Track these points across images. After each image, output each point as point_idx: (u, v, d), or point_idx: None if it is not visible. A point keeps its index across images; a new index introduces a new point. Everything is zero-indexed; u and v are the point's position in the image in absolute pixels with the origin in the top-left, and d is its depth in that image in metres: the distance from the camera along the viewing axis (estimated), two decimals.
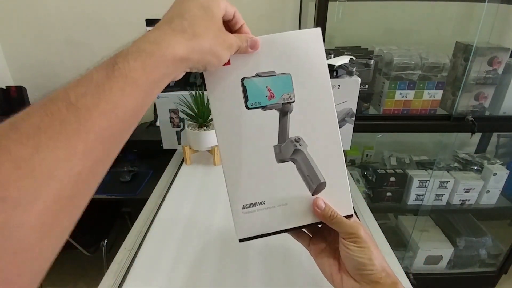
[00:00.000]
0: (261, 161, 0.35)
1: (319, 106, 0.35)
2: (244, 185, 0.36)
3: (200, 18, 0.26)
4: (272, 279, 0.47)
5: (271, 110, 0.35)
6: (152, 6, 1.32)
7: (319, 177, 0.36)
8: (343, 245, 0.34)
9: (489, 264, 1.42)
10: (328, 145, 0.35)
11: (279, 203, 0.36)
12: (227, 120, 0.34)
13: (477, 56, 1.03)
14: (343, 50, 1.16)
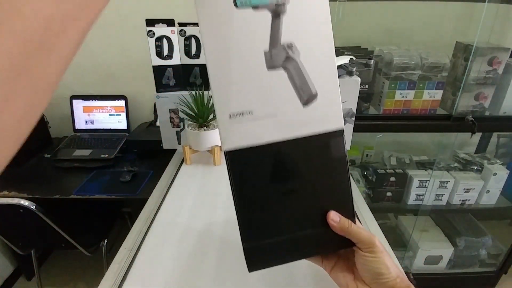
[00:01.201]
0: (250, 67, 0.32)
1: (315, 12, 0.32)
2: (231, 92, 0.33)
3: None
4: (272, 279, 0.47)
5: (263, 10, 0.31)
6: (152, 6, 1.32)
7: (311, 88, 0.33)
8: (360, 256, 0.35)
9: (489, 264, 1.42)
10: (321, 55, 0.33)
11: (268, 114, 0.33)
12: (213, 19, 0.31)
13: (477, 56, 1.03)
14: (343, 50, 1.16)
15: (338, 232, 0.35)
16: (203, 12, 0.31)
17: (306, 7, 0.32)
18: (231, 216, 0.61)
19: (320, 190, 0.35)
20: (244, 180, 0.35)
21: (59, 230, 1.08)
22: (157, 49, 0.86)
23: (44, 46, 0.19)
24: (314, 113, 0.34)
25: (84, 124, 1.47)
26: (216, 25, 0.31)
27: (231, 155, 0.33)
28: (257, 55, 0.32)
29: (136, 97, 1.49)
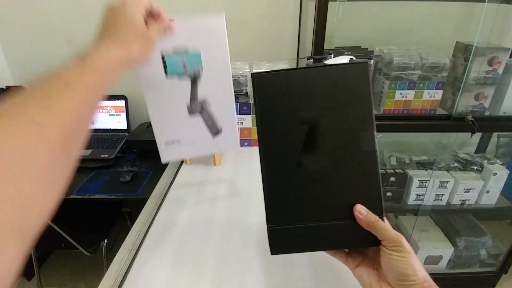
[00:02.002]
0: (178, 114, 0.50)
1: (220, 79, 0.50)
2: (166, 129, 0.52)
3: (127, 29, 0.36)
4: (272, 279, 0.47)
5: (185, 79, 0.49)
6: None
7: (217, 125, 0.53)
8: (385, 254, 0.33)
9: (489, 264, 1.42)
10: (225, 105, 0.52)
11: (189, 141, 0.53)
12: (151, 83, 0.48)
13: (477, 56, 1.03)
14: (343, 50, 1.16)
15: (364, 225, 0.34)
16: (144, 77, 0.48)
17: (214, 76, 0.50)
18: (231, 216, 0.61)
19: (349, 182, 0.35)
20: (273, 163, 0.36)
21: (59, 230, 1.08)
22: None
23: None
24: (220, 140, 0.54)
25: None
26: (153, 87, 0.48)
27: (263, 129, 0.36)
28: (182, 106, 0.50)
29: (136, 97, 1.49)
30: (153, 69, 0.46)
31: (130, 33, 0.36)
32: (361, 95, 0.34)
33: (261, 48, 1.40)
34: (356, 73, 0.34)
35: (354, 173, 0.35)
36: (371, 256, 0.37)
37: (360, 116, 0.34)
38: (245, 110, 0.89)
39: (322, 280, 0.47)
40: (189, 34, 0.46)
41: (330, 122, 0.34)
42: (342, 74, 0.34)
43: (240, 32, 1.37)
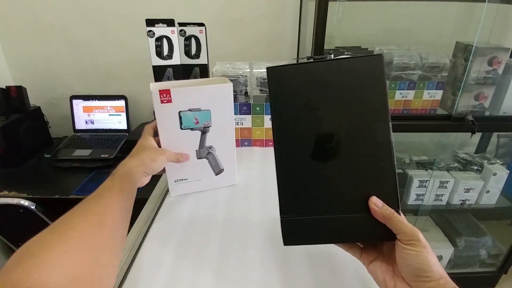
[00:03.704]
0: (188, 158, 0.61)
1: (225, 129, 0.61)
2: (176, 169, 0.62)
3: (139, 148, 0.53)
4: (272, 279, 0.47)
5: (196, 131, 0.59)
6: (152, 6, 1.32)
7: (220, 166, 0.65)
8: (400, 249, 0.32)
9: (489, 264, 1.42)
10: (227, 149, 0.64)
11: (196, 179, 0.65)
12: (168, 134, 0.57)
13: (477, 56, 1.03)
14: (343, 50, 1.16)
15: (379, 218, 0.34)
16: (163, 129, 0.57)
17: (220, 127, 0.60)
18: (231, 216, 0.61)
19: (364, 174, 0.35)
20: (287, 154, 0.36)
21: None
22: (157, 49, 0.86)
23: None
24: (221, 178, 0.66)
25: (84, 124, 1.47)
26: (169, 137, 0.58)
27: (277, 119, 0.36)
28: (192, 151, 0.61)
29: (136, 97, 1.49)
30: (170, 124, 0.57)
31: (141, 149, 0.51)
32: (376, 87, 0.34)
33: (261, 48, 1.40)
34: (371, 65, 0.34)
35: (369, 165, 0.35)
36: (386, 251, 0.36)
37: (375, 108, 0.34)
38: (245, 110, 0.89)
39: (322, 279, 0.47)
40: (203, 97, 0.57)
41: (345, 114, 0.34)
42: (357, 67, 0.34)
43: (240, 32, 1.37)
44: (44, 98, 1.51)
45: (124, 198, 0.39)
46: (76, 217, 0.32)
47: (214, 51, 0.91)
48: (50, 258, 0.26)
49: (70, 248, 0.28)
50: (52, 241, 0.28)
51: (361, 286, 0.45)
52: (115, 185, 0.41)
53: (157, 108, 0.55)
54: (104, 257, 0.31)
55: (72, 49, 1.42)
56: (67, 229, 0.30)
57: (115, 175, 0.43)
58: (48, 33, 1.39)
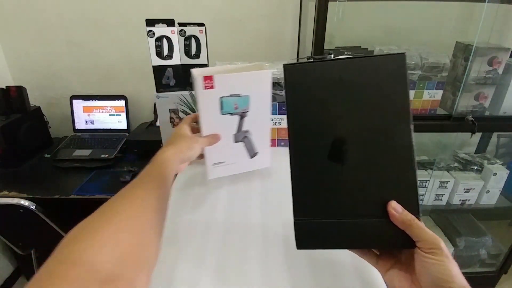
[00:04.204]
0: (226, 141, 0.62)
1: (262, 115, 0.63)
2: (214, 152, 0.62)
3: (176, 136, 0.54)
4: (273, 279, 0.47)
5: (235, 115, 0.61)
6: (152, 6, 1.32)
7: (255, 149, 0.67)
8: (420, 257, 0.31)
9: (489, 264, 1.42)
10: (262, 134, 0.66)
11: (232, 162, 0.66)
12: (210, 119, 0.59)
13: (477, 56, 1.03)
14: (343, 50, 1.16)
15: (398, 224, 0.32)
16: (204, 114, 0.58)
17: (257, 113, 0.62)
18: (231, 217, 0.61)
19: (383, 177, 0.33)
20: (302, 154, 0.34)
21: (59, 230, 1.08)
22: (157, 49, 0.86)
23: None
24: (255, 161, 0.68)
25: (84, 124, 1.47)
26: (210, 121, 0.59)
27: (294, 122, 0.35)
28: (230, 135, 0.62)
29: (136, 97, 1.49)
30: (212, 109, 0.58)
31: (177, 138, 0.53)
32: (398, 86, 0.32)
33: (261, 48, 1.40)
34: (393, 64, 0.32)
35: (388, 168, 0.33)
36: (404, 259, 0.34)
37: (396, 109, 0.33)
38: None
39: (322, 280, 0.47)
40: (244, 83, 0.58)
41: (364, 114, 0.33)
42: (378, 65, 0.33)
43: (240, 32, 1.37)
44: (44, 98, 1.51)
45: (162, 184, 0.41)
46: (121, 201, 0.35)
47: (214, 51, 0.91)
48: (99, 239, 0.28)
49: (118, 230, 0.30)
50: (101, 223, 0.30)
51: (361, 286, 0.45)
52: (154, 172, 0.43)
53: (199, 93, 0.56)
54: (148, 239, 0.33)
55: (72, 49, 1.42)
56: (114, 212, 0.32)
57: (154, 162, 0.45)
58: (48, 33, 1.39)
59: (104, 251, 0.28)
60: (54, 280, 0.24)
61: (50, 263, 0.26)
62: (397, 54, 0.32)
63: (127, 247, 0.30)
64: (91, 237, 0.28)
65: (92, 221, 0.31)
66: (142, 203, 0.35)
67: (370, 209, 0.34)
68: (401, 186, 0.33)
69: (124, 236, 0.30)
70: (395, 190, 0.33)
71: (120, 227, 0.31)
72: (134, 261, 0.30)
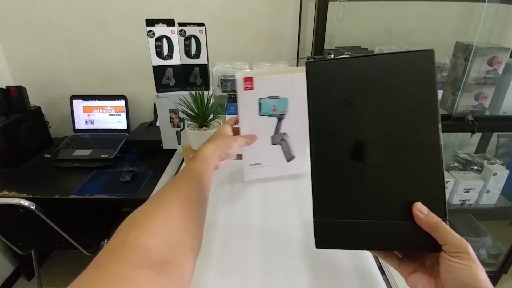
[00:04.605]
0: (263, 142, 0.62)
1: (301, 118, 0.62)
2: (251, 153, 0.64)
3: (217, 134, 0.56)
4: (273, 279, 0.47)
5: (273, 117, 0.61)
6: (152, 6, 1.32)
7: (292, 153, 0.66)
8: (446, 261, 0.30)
9: (489, 264, 1.42)
10: (300, 137, 0.64)
11: (269, 164, 0.67)
12: (248, 119, 0.60)
13: (477, 56, 1.03)
14: (343, 50, 1.16)
15: (423, 226, 0.31)
16: (243, 114, 0.60)
17: (296, 115, 0.61)
18: (231, 216, 0.61)
19: (408, 178, 0.32)
20: (324, 152, 0.34)
21: (59, 230, 1.08)
22: (157, 49, 0.86)
23: None
24: (292, 165, 0.68)
25: (84, 124, 1.47)
26: (248, 122, 0.60)
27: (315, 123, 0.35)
28: (267, 137, 0.63)
29: (136, 97, 1.49)
30: (250, 109, 0.60)
31: (218, 136, 0.55)
32: (425, 85, 0.31)
33: (261, 48, 1.40)
34: (422, 61, 0.31)
35: (414, 168, 0.32)
36: (429, 263, 0.33)
37: (423, 107, 0.31)
38: None
39: (322, 280, 0.47)
40: (283, 85, 0.59)
41: (389, 112, 0.32)
42: (405, 62, 0.32)
43: (240, 32, 1.37)
44: (44, 98, 1.51)
45: (202, 179, 0.43)
46: (171, 192, 0.38)
47: (214, 51, 0.91)
48: (152, 226, 0.31)
49: (168, 218, 0.33)
50: (154, 211, 0.33)
51: (361, 286, 0.45)
52: (195, 166, 0.46)
53: (240, 94, 0.57)
54: (193, 227, 0.35)
55: (72, 49, 1.42)
56: (165, 202, 0.35)
57: (195, 158, 0.48)
58: (48, 33, 1.39)
59: (157, 237, 0.30)
60: (111, 260, 0.26)
61: (109, 245, 0.28)
62: (426, 50, 0.31)
63: (176, 234, 0.32)
64: (145, 223, 0.31)
65: (146, 209, 0.34)
66: (187, 195, 0.38)
67: (394, 210, 0.32)
68: (428, 187, 0.32)
69: (174, 224, 0.33)
70: (420, 191, 0.32)
71: (170, 215, 0.33)
72: (182, 248, 0.32)
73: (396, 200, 0.32)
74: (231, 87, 0.91)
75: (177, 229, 0.33)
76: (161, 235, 0.30)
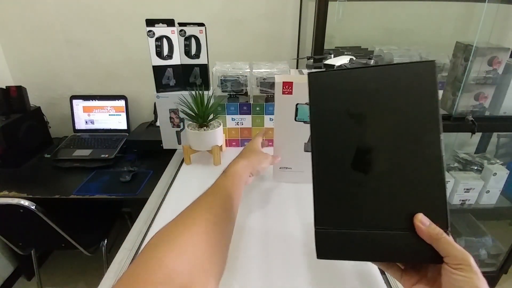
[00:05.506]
0: (295, 148, 0.65)
1: None
2: (283, 157, 0.66)
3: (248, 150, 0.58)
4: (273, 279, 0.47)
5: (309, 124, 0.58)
6: (152, 6, 1.32)
7: None
8: (448, 273, 0.30)
9: (489, 264, 1.42)
10: None
11: (299, 170, 0.69)
12: (283, 124, 0.62)
13: (477, 56, 1.03)
14: (343, 50, 1.16)
15: (425, 238, 0.31)
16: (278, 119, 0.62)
17: None
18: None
19: (410, 189, 0.32)
20: (325, 162, 0.34)
21: (59, 230, 1.08)
22: (157, 49, 0.86)
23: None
24: None
25: (84, 124, 1.47)
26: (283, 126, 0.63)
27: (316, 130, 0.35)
28: (300, 143, 0.65)
29: (136, 97, 1.49)
30: (286, 114, 0.60)
31: (249, 152, 0.57)
32: (427, 96, 0.31)
33: (261, 48, 1.40)
34: (423, 72, 0.31)
35: (416, 179, 0.32)
36: (431, 275, 0.33)
37: (425, 117, 0.31)
38: (245, 110, 0.89)
39: (322, 281, 0.47)
40: None
41: (390, 122, 0.32)
42: (406, 73, 0.32)
43: (240, 32, 1.37)
44: (44, 98, 1.51)
45: (232, 196, 0.43)
46: (198, 210, 0.38)
47: (214, 51, 0.91)
48: (179, 246, 0.31)
49: (194, 238, 0.33)
50: (180, 230, 0.34)
51: (361, 286, 0.45)
52: (227, 184, 0.46)
53: (277, 98, 0.58)
54: (219, 249, 0.35)
55: (72, 49, 1.42)
56: (192, 220, 0.35)
57: (226, 173, 0.48)
58: (48, 33, 1.39)
59: (183, 258, 0.30)
60: (137, 282, 0.27)
61: (135, 266, 0.29)
62: (427, 61, 0.31)
63: (202, 256, 0.32)
64: (172, 243, 0.31)
65: (172, 228, 0.34)
66: (216, 213, 0.38)
67: (395, 221, 0.32)
68: (429, 198, 0.32)
69: (200, 246, 0.33)
70: (422, 202, 0.32)
71: (199, 237, 0.33)
72: (207, 269, 0.32)
73: (398, 211, 0.32)
74: (231, 87, 0.91)
75: (204, 252, 0.33)
76: (187, 257, 0.31)
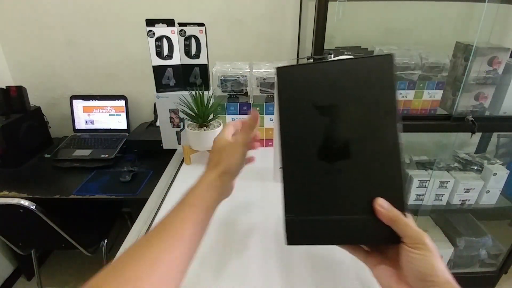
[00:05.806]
0: None
1: None
2: None
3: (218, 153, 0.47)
4: (272, 280, 0.47)
5: None
6: (152, 6, 1.32)
7: None
8: (405, 252, 0.32)
9: (489, 264, 1.42)
10: None
11: None
12: None
13: (477, 56, 1.03)
14: (343, 50, 1.16)
15: (384, 220, 0.33)
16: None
17: None
18: (231, 216, 0.61)
19: (370, 175, 0.34)
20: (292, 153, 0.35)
21: (59, 230, 1.08)
22: (157, 49, 0.86)
23: None
24: None
25: (84, 124, 1.47)
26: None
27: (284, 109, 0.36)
28: None
29: (136, 97, 1.49)
30: None
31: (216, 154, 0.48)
32: (385, 87, 0.34)
33: (261, 48, 1.40)
34: (381, 65, 0.33)
35: (376, 166, 0.34)
36: (392, 255, 0.35)
37: (384, 107, 0.34)
38: (244, 110, 0.89)
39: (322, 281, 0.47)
40: None
41: (352, 113, 0.34)
42: (366, 66, 0.34)
43: (240, 32, 1.37)
44: (44, 98, 1.51)
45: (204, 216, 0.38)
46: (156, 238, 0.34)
47: (214, 51, 0.91)
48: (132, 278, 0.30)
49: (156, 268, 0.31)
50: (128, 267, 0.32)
51: (361, 286, 0.45)
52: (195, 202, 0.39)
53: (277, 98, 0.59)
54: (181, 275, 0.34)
55: (72, 49, 1.42)
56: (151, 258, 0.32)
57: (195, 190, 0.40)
58: (48, 33, 1.39)
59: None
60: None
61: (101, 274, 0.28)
62: (385, 55, 0.33)
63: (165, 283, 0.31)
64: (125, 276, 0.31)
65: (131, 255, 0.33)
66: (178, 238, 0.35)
67: (358, 206, 0.35)
68: (388, 183, 0.34)
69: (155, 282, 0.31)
70: (382, 187, 0.34)
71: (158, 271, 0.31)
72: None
73: (360, 197, 0.34)
74: (231, 87, 0.91)
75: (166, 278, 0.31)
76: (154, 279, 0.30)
